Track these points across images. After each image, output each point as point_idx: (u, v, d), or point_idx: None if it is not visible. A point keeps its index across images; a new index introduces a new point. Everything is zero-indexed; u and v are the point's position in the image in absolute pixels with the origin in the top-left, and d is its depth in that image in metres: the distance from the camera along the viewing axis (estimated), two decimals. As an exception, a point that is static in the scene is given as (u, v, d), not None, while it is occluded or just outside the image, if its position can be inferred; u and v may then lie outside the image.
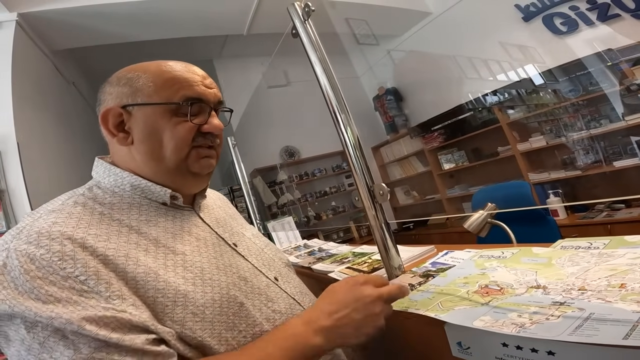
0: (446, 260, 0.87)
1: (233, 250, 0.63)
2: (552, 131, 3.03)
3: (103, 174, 0.60)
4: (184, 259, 0.54)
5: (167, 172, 0.59)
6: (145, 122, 0.57)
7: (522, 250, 0.75)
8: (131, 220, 0.55)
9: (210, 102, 0.62)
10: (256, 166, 4.12)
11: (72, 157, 2.75)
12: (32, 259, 0.44)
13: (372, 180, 0.85)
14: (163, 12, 2.52)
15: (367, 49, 4.09)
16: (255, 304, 0.57)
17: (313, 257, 1.37)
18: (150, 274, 0.49)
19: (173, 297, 0.49)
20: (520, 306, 0.51)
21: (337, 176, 4.63)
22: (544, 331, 0.44)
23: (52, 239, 0.46)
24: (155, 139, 0.57)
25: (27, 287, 0.43)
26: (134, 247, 0.51)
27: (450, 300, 0.60)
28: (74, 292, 0.44)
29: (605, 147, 2.74)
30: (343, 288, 0.56)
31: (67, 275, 0.45)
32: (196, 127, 0.59)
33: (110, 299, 0.45)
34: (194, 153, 0.60)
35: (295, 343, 0.50)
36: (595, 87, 2.62)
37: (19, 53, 2.07)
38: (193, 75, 0.61)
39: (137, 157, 0.59)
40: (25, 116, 2.02)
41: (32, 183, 1.88)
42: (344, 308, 0.53)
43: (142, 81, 0.58)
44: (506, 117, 3.26)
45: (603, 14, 2.50)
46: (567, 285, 0.55)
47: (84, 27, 2.41)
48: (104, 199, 0.57)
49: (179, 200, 0.62)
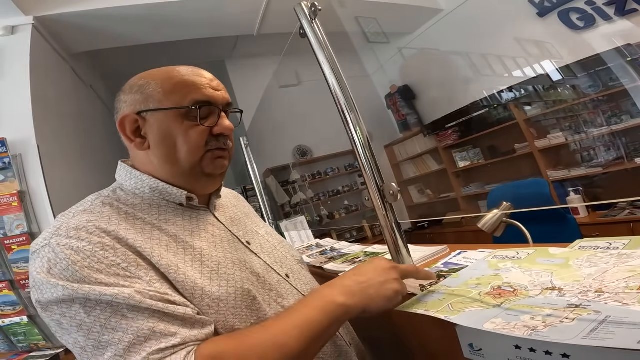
0: (459, 260, 0.86)
1: (246, 248, 0.66)
2: (571, 128, 2.94)
3: (125, 177, 0.63)
4: (201, 254, 0.57)
5: (182, 175, 0.62)
6: (159, 127, 0.60)
7: (538, 251, 0.73)
8: (152, 219, 0.58)
9: (219, 103, 0.63)
10: (269, 166, 4.15)
11: (91, 158, 2.82)
12: (76, 251, 0.48)
13: (382, 180, 0.85)
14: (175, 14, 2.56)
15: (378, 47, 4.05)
16: (266, 299, 0.60)
17: (325, 256, 1.37)
18: (172, 267, 0.52)
19: (191, 289, 0.52)
20: (534, 308, 0.50)
21: (350, 175, 4.62)
22: (557, 334, 0.42)
23: (91, 233, 0.50)
24: (170, 143, 0.60)
25: (78, 277, 0.46)
26: (157, 243, 0.55)
27: (461, 302, 0.59)
28: (120, 278, 0.48)
29: (627, 143, 2.64)
30: (366, 262, 0.64)
31: (110, 263, 0.48)
32: (208, 130, 0.61)
33: (151, 282, 0.49)
34: (208, 155, 0.62)
35: (325, 303, 0.54)
36: (615, 83, 2.54)
37: (37, 56, 2.11)
38: (200, 78, 0.63)
39: (154, 161, 0.61)
40: (45, 119, 2.06)
41: (52, 184, 1.93)
42: (365, 273, 0.59)
43: (152, 87, 0.60)
44: (523, 114, 3.18)
45: (621, 9, 2.42)
46: (584, 287, 0.53)
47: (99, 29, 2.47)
48: (126, 200, 0.60)
49: (195, 201, 0.64)
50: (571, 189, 2.85)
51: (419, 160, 4.46)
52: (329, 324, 0.53)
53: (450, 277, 0.74)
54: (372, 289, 0.57)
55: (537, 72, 2.99)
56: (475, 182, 3.93)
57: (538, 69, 2.98)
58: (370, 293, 0.56)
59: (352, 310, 0.55)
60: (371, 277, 0.58)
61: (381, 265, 0.61)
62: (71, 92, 2.75)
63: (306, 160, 4.42)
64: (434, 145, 4.16)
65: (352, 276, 0.59)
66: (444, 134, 4.00)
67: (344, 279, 0.59)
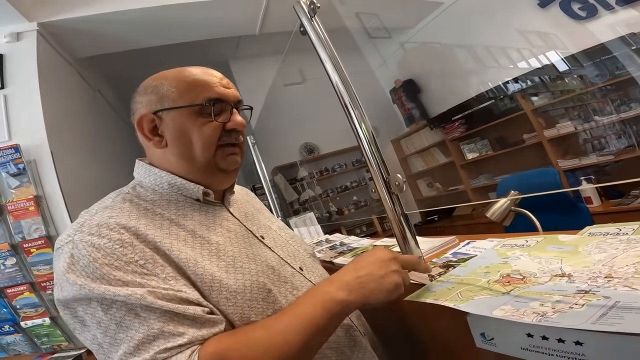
0: (468, 250, 0.86)
1: (260, 242, 0.68)
2: (580, 117, 2.89)
3: (144, 174, 0.66)
4: (217, 249, 0.59)
5: (198, 170, 0.64)
6: (174, 125, 0.63)
7: (547, 238, 0.73)
8: (170, 214, 0.61)
9: (231, 100, 0.66)
10: (277, 164, 4.16)
11: (103, 161, 2.86)
12: (97, 248, 0.50)
13: (388, 172, 0.85)
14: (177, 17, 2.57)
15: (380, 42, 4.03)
16: (282, 291, 0.62)
17: (335, 251, 1.38)
18: (191, 261, 0.54)
19: (209, 282, 0.54)
20: (543, 295, 0.50)
21: (358, 170, 4.61)
22: (566, 320, 0.42)
23: (111, 229, 0.53)
24: (185, 140, 0.63)
25: (98, 274, 0.49)
26: (175, 238, 0.57)
27: (469, 290, 0.60)
28: (137, 275, 0.50)
29: (637, 130, 2.60)
30: (366, 253, 0.63)
31: (129, 260, 0.50)
32: (221, 125, 0.64)
33: (166, 279, 0.51)
34: (220, 151, 0.65)
35: (324, 300, 0.54)
36: (622, 71, 2.50)
37: (44, 62, 2.13)
38: (211, 77, 0.66)
39: (172, 158, 0.64)
40: (56, 124, 2.09)
41: (67, 188, 1.96)
42: (365, 266, 0.59)
43: (166, 87, 0.63)
44: (530, 104, 3.13)
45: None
46: (593, 273, 0.53)
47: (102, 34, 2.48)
48: (146, 196, 0.63)
49: (211, 196, 0.67)
50: (583, 177, 2.81)
51: (427, 153, 4.43)
52: (329, 320, 0.54)
53: (459, 267, 0.74)
54: (372, 283, 0.57)
55: (542, 62, 2.95)
56: (484, 173, 3.89)
57: (543, 59, 2.94)
58: (370, 287, 0.56)
59: (352, 305, 0.56)
60: (370, 271, 0.58)
61: (381, 256, 0.60)
62: (79, 96, 2.78)
63: (313, 158, 4.43)
64: (441, 138, 4.13)
65: (352, 270, 0.59)
66: (450, 126, 3.97)
67: (343, 274, 0.59)
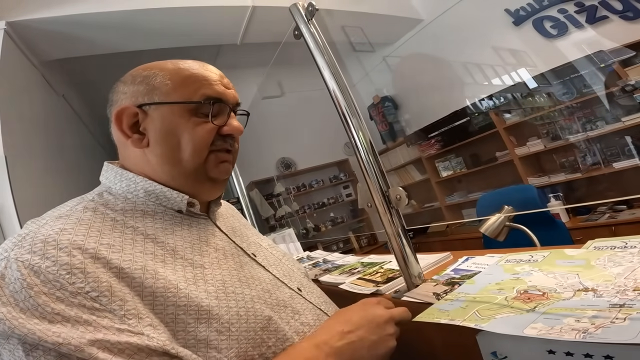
0: (469, 266, 0.82)
1: (253, 261, 0.59)
2: (549, 134, 3.03)
3: (114, 179, 0.56)
4: (203, 272, 0.50)
5: (184, 177, 0.56)
6: (162, 122, 0.54)
7: (554, 253, 0.70)
8: (146, 228, 0.51)
9: (230, 102, 0.58)
10: (253, 179, 4.07)
11: (62, 171, 2.67)
12: (36, 272, 0.39)
13: (388, 185, 0.81)
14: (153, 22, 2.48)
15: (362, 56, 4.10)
16: (283, 317, 0.53)
17: (318, 268, 1.31)
18: (170, 289, 0.44)
19: (195, 313, 0.44)
20: (575, 311, 0.46)
21: (335, 187, 4.59)
22: (614, 335, 0.39)
23: (60, 249, 0.41)
24: (173, 140, 0.54)
25: (30, 304, 0.38)
26: (151, 258, 0.47)
27: (487, 308, 0.55)
28: (84, 311, 0.39)
29: (603, 148, 2.74)
30: (355, 308, 0.56)
31: (76, 291, 0.40)
32: (216, 128, 0.56)
33: (125, 318, 0.40)
34: (212, 157, 0.57)
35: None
36: (588, 90, 2.64)
37: (7, 63, 2.01)
38: (211, 73, 0.58)
39: (153, 159, 0.55)
40: (13, 129, 1.95)
41: (21, 197, 1.81)
42: (357, 328, 0.51)
43: (159, 79, 0.55)
44: (502, 122, 3.26)
45: (592, 17, 2.53)
46: (619, 286, 0.50)
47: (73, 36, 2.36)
48: (115, 205, 0.52)
49: (196, 208, 0.58)
50: (551, 195, 2.92)
51: (403, 170, 4.49)
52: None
53: (466, 284, 0.70)
54: (364, 350, 0.50)
55: (515, 80, 3.09)
56: (459, 190, 3.98)
57: (515, 77, 3.08)
58: (362, 354, 0.50)
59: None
60: (363, 335, 0.51)
61: (375, 317, 0.53)
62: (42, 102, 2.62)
63: (290, 173, 4.37)
64: (417, 156, 4.20)
65: (340, 332, 0.51)
66: (426, 144, 4.05)
67: (330, 337, 0.50)
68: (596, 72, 2.52)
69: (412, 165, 4.36)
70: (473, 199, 3.65)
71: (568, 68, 2.67)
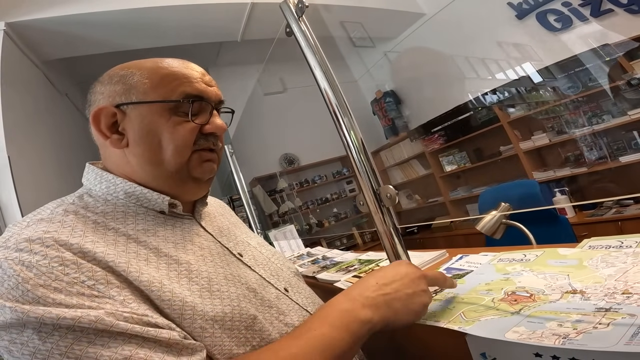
0: (462, 265, 0.81)
1: (239, 261, 0.58)
2: (554, 128, 2.98)
3: (94, 180, 0.55)
4: (188, 269, 0.49)
5: (166, 177, 0.55)
6: (141, 122, 0.53)
7: (547, 252, 0.69)
8: (127, 229, 0.50)
9: (212, 100, 0.57)
10: (255, 175, 4.07)
11: (66, 170, 2.70)
12: (28, 267, 0.39)
13: (379, 183, 0.80)
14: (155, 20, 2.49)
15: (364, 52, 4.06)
16: (267, 317, 0.52)
17: (317, 265, 1.31)
18: (155, 283, 0.44)
19: (179, 309, 0.44)
20: (559, 314, 0.46)
21: (338, 182, 4.58)
22: (594, 342, 0.38)
23: (47, 246, 0.41)
24: (153, 140, 0.53)
25: (30, 297, 0.37)
26: (134, 256, 0.46)
27: (474, 310, 0.54)
28: (84, 298, 0.39)
29: (609, 142, 2.69)
30: (389, 266, 0.56)
31: (72, 281, 0.39)
32: (198, 127, 0.55)
33: (125, 302, 0.40)
34: (195, 157, 0.55)
35: (347, 320, 0.47)
36: (594, 83, 2.59)
37: (8, 64, 2.03)
38: (192, 71, 0.56)
39: (133, 160, 0.54)
40: (16, 129, 1.97)
41: (24, 197, 1.83)
42: (391, 282, 0.52)
43: (137, 78, 0.54)
44: (507, 116, 3.22)
45: (596, 9, 2.47)
46: (608, 289, 0.49)
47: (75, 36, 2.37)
48: (95, 207, 0.52)
49: (178, 208, 0.57)
50: (557, 189, 2.88)
51: (406, 165, 4.46)
52: (353, 343, 0.46)
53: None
54: (399, 302, 0.50)
55: (519, 74, 3.03)
56: (463, 185, 3.95)
57: (520, 71, 3.03)
58: (397, 306, 0.50)
59: (377, 325, 0.49)
60: (397, 288, 0.51)
61: (408, 272, 0.54)
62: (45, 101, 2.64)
63: (293, 169, 4.37)
64: (420, 150, 4.17)
65: (375, 284, 0.52)
66: (430, 138, 4.02)
67: (364, 289, 0.51)
68: (601, 66, 2.47)
69: (415, 159, 4.33)
70: (477, 193, 3.62)
71: (573, 61, 2.61)
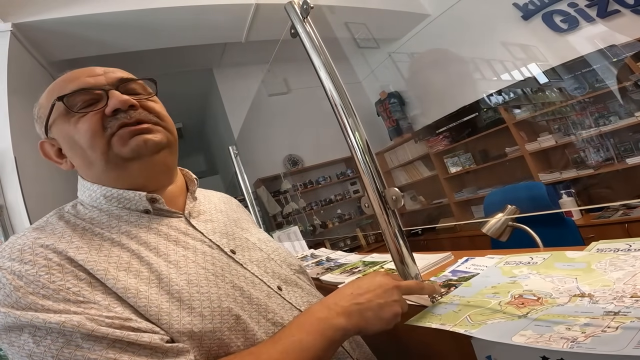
0: (467, 267, 0.81)
1: (230, 258, 0.58)
2: (560, 130, 2.96)
3: (81, 190, 0.60)
4: (168, 272, 0.50)
5: (106, 172, 0.55)
6: (61, 137, 0.57)
7: (554, 255, 0.68)
8: (112, 233, 0.52)
9: (99, 85, 0.55)
10: (259, 176, 4.07)
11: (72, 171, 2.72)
12: (18, 276, 0.43)
13: (384, 185, 0.80)
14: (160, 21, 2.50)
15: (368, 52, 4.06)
16: (253, 316, 0.53)
17: (321, 267, 1.31)
18: (130, 290, 0.46)
19: (156, 314, 0.45)
20: (567, 318, 0.45)
21: (342, 183, 4.57)
22: (603, 345, 0.38)
23: (36, 254, 0.45)
24: (75, 146, 0.56)
25: (22, 304, 0.41)
26: (114, 263, 0.48)
27: (480, 313, 0.54)
28: (70, 304, 0.42)
29: (616, 144, 2.67)
30: (365, 277, 0.60)
31: (57, 288, 0.43)
32: (99, 114, 0.54)
33: (110, 306, 0.43)
34: (115, 139, 0.54)
35: (322, 326, 0.50)
36: (601, 84, 2.57)
37: (15, 65, 2.04)
38: (72, 75, 0.58)
39: (83, 173, 0.59)
40: (23, 130, 1.99)
41: (30, 198, 1.85)
42: (365, 292, 0.55)
43: (39, 106, 0.60)
44: (512, 117, 3.19)
45: (603, 10, 2.46)
46: (617, 292, 0.48)
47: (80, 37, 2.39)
48: (84, 214, 0.56)
49: (161, 202, 0.58)
50: (563, 191, 2.85)
51: (411, 166, 4.44)
52: (327, 348, 0.49)
53: (462, 286, 0.69)
54: (371, 312, 0.53)
55: (525, 75, 3.02)
56: (468, 187, 3.92)
57: (525, 72, 3.01)
58: (369, 315, 0.53)
59: (350, 332, 0.52)
60: (370, 298, 0.54)
61: (382, 284, 0.56)
62: (52, 103, 2.66)
63: (297, 170, 4.36)
64: (425, 152, 4.15)
65: (349, 295, 0.55)
66: (434, 139, 4.00)
67: (340, 298, 0.55)
68: (608, 67, 2.45)
69: (420, 161, 4.31)
70: (482, 195, 3.60)
71: (579, 62, 2.60)
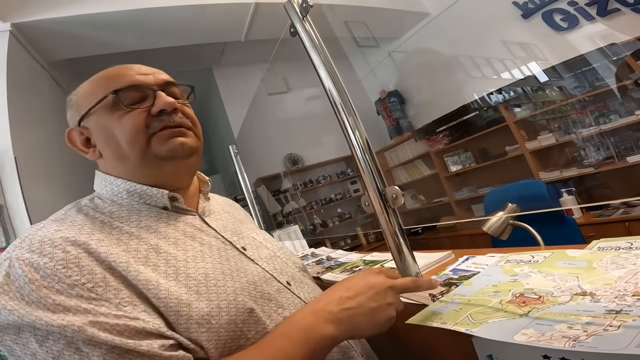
0: (468, 266, 0.80)
1: (242, 254, 0.60)
2: (560, 128, 2.96)
3: (101, 184, 0.60)
4: (186, 266, 0.51)
5: (139, 169, 0.57)
6: (97, 128, 0.57)
7: (555, 253, 0.68)
8: (131, 227, 0.53)
9: (149, 84, 0.58)
10: (259, 175, 4.07)
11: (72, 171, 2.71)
12: (36, 268, 0.43)
13: (384, 184, 0.80)
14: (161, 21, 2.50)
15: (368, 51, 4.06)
16: (265, 309, 0.54)
17: (321, 266, 1.31)
18: (152, 282, 0.47)
19: (175, 307, 0.46)
20: (568, 316, 0.45)
21: (342, 182, 4.57)
22: (605, 344, 0.37)
23: (55, 247, 0.45)
24: (111, 139, 0.56)
25: (34, 297, 0.42)
26: (134, 255, 0.49)
27: (481, 312, 0.54)
28: (82, 300, 0.43)
29: (616, 142, 2.67)
30: (357, 276, 0.56)
31: (73, 283, 0.43)
32: (145, 112, 0.56)
33: (120, 305, 0.44)
34: (155, 139, 0.56)
35: (308, 335, 0.48)
36: (601, 83, 2.57)
37: (14, 65, 2.04)
38: (122, 69, 0.60)
39: (111, 164, 0.59)
40: (23, 130, 1.98)
41: (31, 198, 1.84)
42: (357, 294, 0.51)
43: (80, 94, 0.60)
44: (512, 116, 3.19)
45: (603, 9, 2.46)
46: (618, 291, 0.48)
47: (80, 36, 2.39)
48: (104, 208, 0.56)
49: (180, 201, 0.60)
50: (564, 189, 2.85)
51: (411, 165, 4.44)
52: (315, 356, 0.47)
53: (462, 285, 0.69)
54: (362, 317, 0.50)
55: (525, 73, 3.01)
56: (468, 185, 3.92)
57: (525, 70, 3.01)
58: (359, 321, 0.50)
59: (339, 339, 0.50)
60: (361, 302, 0.51)
61: (375, 285, 0.53)
62: (51, 101, 2.65)
63: (297, 169, 4.36)
64: (425, 150, 4.15)
65: (339, 299, 0.51)
66: (434, 138, 3.99)
67: (329, 302, 0.51)
68: (608, 65, 2.45)
69: (420, 159, 4.31)
70: (482, 194, 3.60)
71: (580, 61, 2.60)
